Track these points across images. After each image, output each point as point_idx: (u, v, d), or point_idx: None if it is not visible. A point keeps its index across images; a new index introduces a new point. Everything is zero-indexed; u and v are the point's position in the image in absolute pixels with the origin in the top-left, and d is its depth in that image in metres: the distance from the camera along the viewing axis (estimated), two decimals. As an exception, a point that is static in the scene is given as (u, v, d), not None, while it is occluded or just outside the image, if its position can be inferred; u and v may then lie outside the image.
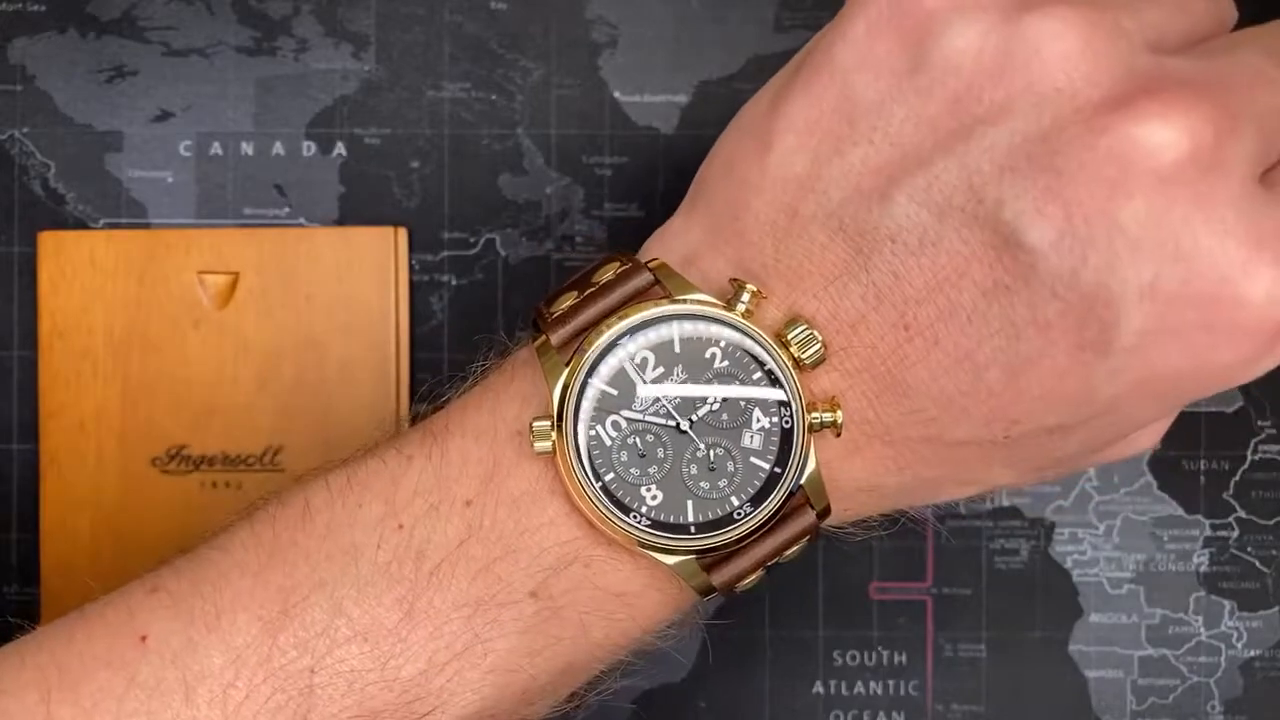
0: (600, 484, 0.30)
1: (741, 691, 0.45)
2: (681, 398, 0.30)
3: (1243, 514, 0.44)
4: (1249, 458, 0.44)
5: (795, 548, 0.31)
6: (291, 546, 0.31)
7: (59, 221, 0.45)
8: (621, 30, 0.45)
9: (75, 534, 0.44)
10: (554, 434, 0.30)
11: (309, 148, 0.45)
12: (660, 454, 0.30)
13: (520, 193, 0.45)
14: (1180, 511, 0.44)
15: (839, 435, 0.30)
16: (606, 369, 0.30)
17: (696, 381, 0.30)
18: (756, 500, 0.30)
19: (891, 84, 0.29)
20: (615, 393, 0.30)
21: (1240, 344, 0.28)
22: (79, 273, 0.44)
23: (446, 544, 0.30)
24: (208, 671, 0.30)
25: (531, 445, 0.30)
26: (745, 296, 0.30)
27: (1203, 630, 0.44)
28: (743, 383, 0.30)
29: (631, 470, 0.30)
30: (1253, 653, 0.45)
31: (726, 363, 0.30)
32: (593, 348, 0.30)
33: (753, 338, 0.30)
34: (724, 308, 0.30)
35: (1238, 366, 0.29)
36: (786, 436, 0.30)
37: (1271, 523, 0.44)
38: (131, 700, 0.30)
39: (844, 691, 0.45)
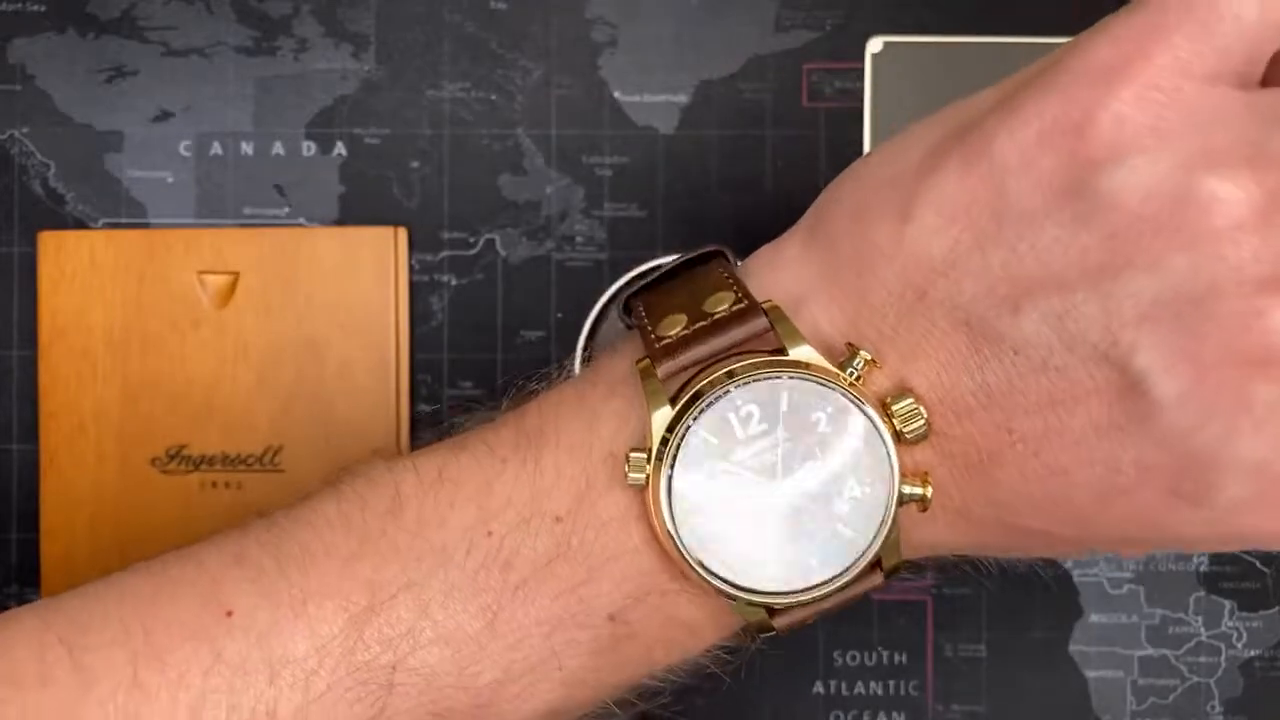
0: (687, 527, 0.30)
1: (742, 691, 0.45)
2: (780, 457, 0.30)
3: (1243, 514, 0.44)
4: (1249, 458, 0.44)
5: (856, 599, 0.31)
6: (381, 536, 0.31)
7: (59, 221, 0.45)
8: (621, 30, 0.45)
9: (75, 534, 0.44)
10: (649, 468, 0.30)
11: (309, 148, 0.45)
12: (748, 508, 0.30)
13: (520, 193, 0.45)
14: (1180, 511, 0.44)
15: (924, 510, 0.30)
16: (710, 416, 0.30)
17: (797, 443, 0.30)
18: (835, 565, 0.30)
19: (1049, 200, 0.28)
20: (715, 441, 0.30)
21: None
22: (79, 272, 0.44)
23: (535, 560, 0.30)
24: (291, 657, 0.30)
25: (625, 475, 0.30)
26: (858, 363, 0.29)
27: (1203, 630, 0.44)
28: (842, 451, 0.30)
29: (718, 520, 0.30)
30: (1253, 653, 0.45)
31: (830, 429, 0.30)
32: (704, 398, 0.30)
33: (859, 406, 0.29)
34: (835, 371, 0.30)
35: None
36: (875, 506, 0.30)
37: (1271, 523, 0.44)
38: (216, 676, 0.30)
39: (844, 691, 0.45)
